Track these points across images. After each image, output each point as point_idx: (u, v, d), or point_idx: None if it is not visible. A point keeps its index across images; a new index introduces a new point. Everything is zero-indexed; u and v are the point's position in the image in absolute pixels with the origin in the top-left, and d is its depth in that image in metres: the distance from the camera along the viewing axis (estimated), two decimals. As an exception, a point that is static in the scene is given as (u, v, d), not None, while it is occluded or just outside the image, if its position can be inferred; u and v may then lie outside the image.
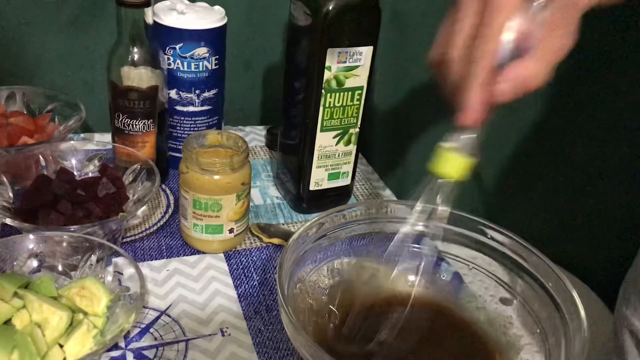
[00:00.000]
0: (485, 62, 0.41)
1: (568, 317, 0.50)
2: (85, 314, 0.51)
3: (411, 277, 0.61)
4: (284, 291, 0.48)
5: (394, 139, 0.98)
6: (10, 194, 0.63)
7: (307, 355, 0.45)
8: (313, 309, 0.55)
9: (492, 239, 0.59)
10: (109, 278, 0.54)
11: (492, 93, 0.41)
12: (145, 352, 0.54)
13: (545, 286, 0.54)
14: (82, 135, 0.85)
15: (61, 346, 0.48)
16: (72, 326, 0.49)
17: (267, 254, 0.68)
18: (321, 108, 0.68)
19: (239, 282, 0.64)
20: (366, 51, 0.66)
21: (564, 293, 0.51)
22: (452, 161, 0.45)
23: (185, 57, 0.74)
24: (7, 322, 0.49)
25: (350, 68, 0.66)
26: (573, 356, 0.47)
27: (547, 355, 0.51)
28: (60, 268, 0.56)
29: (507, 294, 0.58)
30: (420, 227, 0.61)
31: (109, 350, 0.54)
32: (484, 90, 0.41)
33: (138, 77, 0.68)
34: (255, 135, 0.93)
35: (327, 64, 0.65)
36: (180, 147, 0.73)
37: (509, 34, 0.41)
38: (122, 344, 0.55)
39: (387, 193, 0.84)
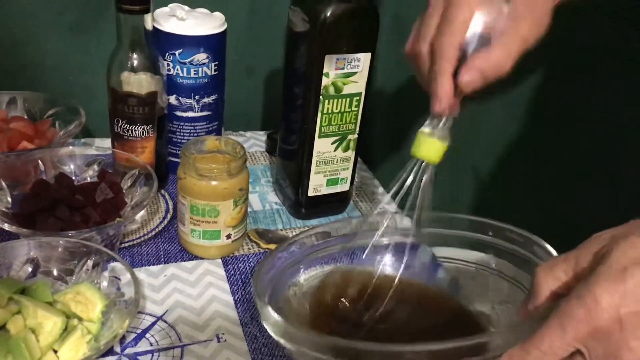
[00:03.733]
0: (448, 54, 0.44)
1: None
2: (80, 319, 0.51)
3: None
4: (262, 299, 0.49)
5: (395, 145, 0.98)
6: (9, 199, 0.63)
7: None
8: (307, 316, 0.56)
9: (493, 236, 0.58)
10: (105, 283, 0.55)
11: (457, 83, 0.45)
12: (141, 358, 0.54)
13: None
14: (82, 140, 0.86)
15: (55, 352, 0.48)
16: (66, 332, 0.49)
17: (264, 260, 0.68)
18: (319, 114, 0.68)
19: (236, 288, 0.64)
20: (364, 57, 0.66)
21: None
22: (428, 145, 0.48)
23: (185, 63, 0.74)
24: (2, 327, 0.49)
25: (348, 74, 0.66)
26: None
27: None
28: (56, 273, 0.56)
29: (513, 289, 0.57)
30: (412, 237, 0.61)
31: (104, 355, 0.54)
32: (450, 80, 0.45)
33: (138, 82, 0.69)
34: (256, 141, 0.93)
35: (325, 70, 0.65)
36: (179, 152, 0.73)
37: (474, 26, 0.44)
38: (118, 350, 0.55)
39: (387, 199, 0.84)
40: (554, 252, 0.53)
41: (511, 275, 0.57)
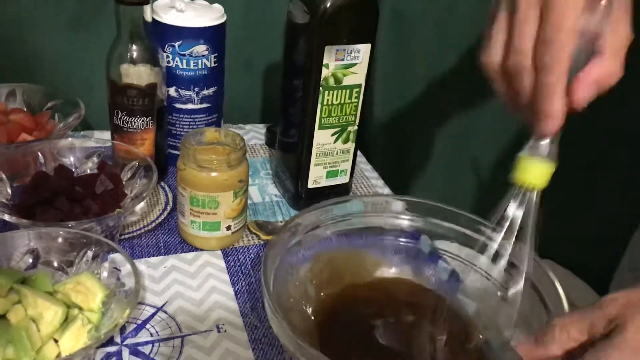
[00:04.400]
0: (560, 67, 0.38)
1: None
2: (81, 309, 0.51)
3: (404, 273, 0.61)
4: (268, 284, 0.49)
5: (394, 137, 0.98)
6: (9, 190, 0.63)
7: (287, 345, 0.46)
8: (303, 297, 0.56)
9: (489, 238, 0.58)
10: (105, 274, 0.54)
11: (571, 99, 0.40)
12: (141, 348, 0.54)
13: (535, 286, 0.53)
14: (82, 133, 0.86)
15: (56, 341, 0.48)
16: (67, 321, 0.49)
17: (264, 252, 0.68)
18: (319, 106, 0.68)
19: (236, 279, 0.64)
20: (364, 49, 0.66)
21: (552, 293, 0.51)
22: (537, 169, 0.44)
23: (184, 55, 0.74)
24: (2, 316, 0.49)
25: (348, 66, 0.66)
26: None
27: None
28: (56, 264, 0.56)
29: (502, 294, 0.57)
30: (417, 223, 0.61)
31: (105, 345, 0.54)
32: (564, 96, 0.39)
33: (137, 74, 0.69)
34: (255, 134, 0.93)
35: (325, 61, 0.65)
36: (179, 144, 0.73)
37: (578, 35, 0.39)
38: (118, 340, 0.55)
39: (386, 191, 0.84)
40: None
41: (500, 282, 0.57)
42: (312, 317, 0.55)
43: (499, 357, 0.51)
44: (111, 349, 0.54)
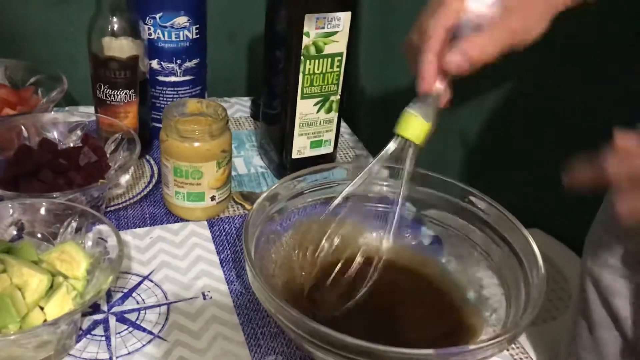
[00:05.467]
0: (433, 34, 0.47)
1: (530, 275, 0.51)
2: (65, 277, 0.51)
3: (384, 238, 0.62)
4: (249, 248, 0.50)
5: (379, 108, 0.99)
6: (-8, 164, 0.64)
7: (270, 309, 0.47)
8: (285, 262, 0.57)
9: (471, 203, 0.59)
10: (89, 244, 0.55)
11: (442, 63, 0.47)
12: (127, 315, 0.55)
13: (512, 246, 0.54)
14: (66, 108, 0.86)
15: (41, 308, 0.49)
16: (52, 289, 0.50)
17: (249, 221, 0.69)
18: (301, 75, 0.68)
19: (221, 248, 0.64)
20: (345, 17, 0.66)
21: (529, 253, 0.52)
22: (413, 124, 0.49)
23: (166, 27, 0.74)
24: (-12, 286, 0.50)
25: (329, 34, 0.67)
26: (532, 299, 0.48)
27: (507, 306, 0.52)
28: (40, 236, 0.56)
29: (483, 259, 0.58)
30: (398, 189, 0.62)
31: (92, 314, 0.55)
32: (434, 59, 0.47)
33: (119, 47, 0.68)
34: (240, 107, 0.94)
35: (305, 29, 0.65)
36: (163, 117, 0.73)
37: (466, 14, 0.47)
38: (105, 308, 0.56)
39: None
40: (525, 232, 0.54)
41: (482, 246, 0.58)
42: (295, 283, 0.56)
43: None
44: (98, 316, 0.55)
